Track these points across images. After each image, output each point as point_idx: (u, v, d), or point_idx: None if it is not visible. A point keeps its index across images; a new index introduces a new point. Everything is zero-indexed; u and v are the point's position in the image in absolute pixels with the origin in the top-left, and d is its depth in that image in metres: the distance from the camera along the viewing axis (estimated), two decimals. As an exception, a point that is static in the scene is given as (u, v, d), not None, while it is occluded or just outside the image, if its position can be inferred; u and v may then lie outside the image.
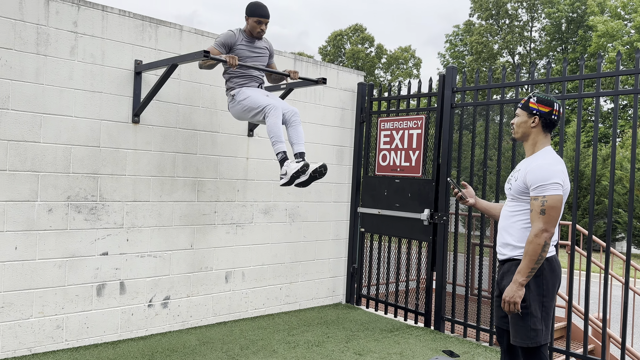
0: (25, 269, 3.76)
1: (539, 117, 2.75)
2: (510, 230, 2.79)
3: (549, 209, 2.59)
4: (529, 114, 2.78)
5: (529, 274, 2.62)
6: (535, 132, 2.78)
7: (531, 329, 2.66)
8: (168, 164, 4.45)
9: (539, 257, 2.60)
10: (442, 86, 5.05)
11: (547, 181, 2.61)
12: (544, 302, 2.69)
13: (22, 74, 3.69)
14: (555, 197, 2.60)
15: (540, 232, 2.59)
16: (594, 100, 25.26)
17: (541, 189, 2.62)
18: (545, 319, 2.70)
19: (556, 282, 2.74)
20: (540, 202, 2.61)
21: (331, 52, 41.90)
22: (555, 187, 2.60)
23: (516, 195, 2.77)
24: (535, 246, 2.59)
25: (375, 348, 4.34)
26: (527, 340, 2.67)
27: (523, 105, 2.82)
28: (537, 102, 2.76)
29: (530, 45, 35.21)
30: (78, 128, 3.95)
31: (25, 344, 3.79)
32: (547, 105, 2.75)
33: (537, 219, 2.61)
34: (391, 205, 5.40)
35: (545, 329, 2.70)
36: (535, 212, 2.62)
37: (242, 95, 3.99)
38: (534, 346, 2.68)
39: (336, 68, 5.77)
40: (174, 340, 4.27)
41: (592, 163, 4.05)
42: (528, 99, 2.81)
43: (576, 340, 6.22)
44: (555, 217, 2.60)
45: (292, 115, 3.90)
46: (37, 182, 3.78)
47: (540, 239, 2.59)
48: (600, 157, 17.82)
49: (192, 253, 4.65)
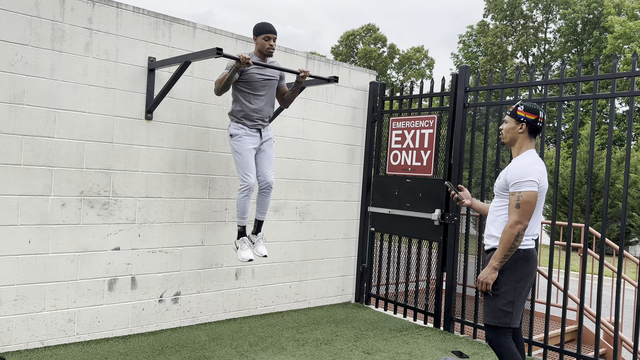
0: (39, 263, 3.81)
1: (526, 124, 3.02)
2: (494, 224, 3.06)
3: (523, 203, 2.87)
4: (517, 121, 3.05)
5: (502, 259, 2.91)
6: (521, 138, 3.05)
7: (500, 309, 2.95)
8: (180, 161, 4.48)
9: (512, 245, 2.88)
10: (454, 86, 5.02)
11: (523, 179, 2.88)
12: (517, 288, 2.95)
13: (37, 69, 3.73)
14: (529, 192, 2.87)
15: (515, 223, 2.87)
16: (608, 102, 24.98)
17: (518, 186, 2.90)
18: (517, 303, 2.96)
19: (528, 273, 2.99)
20: (516, 197, 2.89)
21: (343, 52, 41.88)
22: (531, 185, 2.87)
23: (499, 192, 3.06)
24: (509, 235, 2.87)
25: (384, 347, 4.33)
26: (495, 320, 2.96)
27: (511, 113, 3.09)
28: (524, 111, 3.03)
29: (544, 47, 34.89)
30: (92, 124, 3.99)
31: (37, 336, 3.83)
32: (533, 113, 3.02)
33: (513, 212, 2.89)
34: (402, 205, 5.38)
35: (516, 312, 2.96)
36: (512, 205, 2.90)
37: (238, 147, 4.17)
38: (501, 326, 2.95)
39: (348, 67, 5.76)
40: (183, 336, 4.30)
41: (607, 165, 4.01)
42: (516, 107, 3.07)
43: (587, 343, 6.16)
44: (529, 210, 2.87)
45: (265, 187, 4.31)
46: (50, 176, 3.82)
47: (514, 229, 2.86)
48: (614, 160, 17.61)
49: (203, 249, 4.67)
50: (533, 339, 4.45)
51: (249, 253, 4.24)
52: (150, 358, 3.76)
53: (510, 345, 2.99)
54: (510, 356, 2.97)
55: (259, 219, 4.44)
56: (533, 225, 3.00)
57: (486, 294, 3.00)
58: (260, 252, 4.37)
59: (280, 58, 5.13)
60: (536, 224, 3.03)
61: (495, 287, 2.97)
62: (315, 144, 5.47)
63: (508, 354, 2.97)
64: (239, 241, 4.32)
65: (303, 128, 5.34)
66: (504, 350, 2.98)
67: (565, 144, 25.66)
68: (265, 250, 4.41)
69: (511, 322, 2.96)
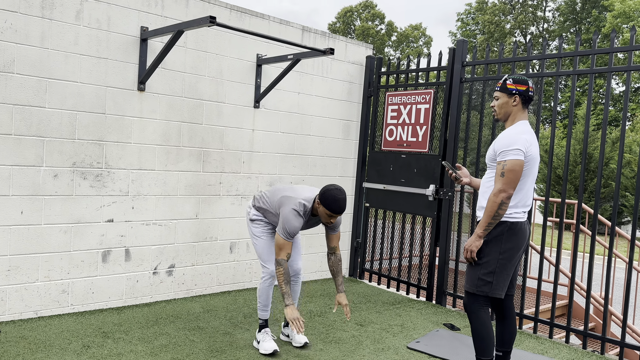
0: (31, 234, 3.80)
1: (519, 96, 2.99)
2: (485, 195, 3.04)
3: (507, 171, 2.85)
4: (509, 95, 3.01)
5: (485, 227, 2.91)
6: (515, 110, 3.02)
7: (479, 278, 2.97)
8: (173, 133, 4.44)
9: (496, 213, 2.87)
10: (452, 60, 4.97)
11: (509, 147, 2.86)
12: (500, 260, 2.95)
13: (27, 37, 3.66)
14: (514, 161, 2.84)
15: (499, 191, 2.86)
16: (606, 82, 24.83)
17: (504, 154, 2.88)
18: (498, 275, 2.96)
19: (515, 245, 2.97)
20: (501, 166, 2.87)
21: (340, 29, 41.42)
22: (516, 153, 2.84)
23: (489, 163, 3.04)
24: (493, 204, 2.86)
25: (377, 319, 4.37)
26: (473, 287, 3.00)
27: (501, 87, 3.04)
28: (514, 83, 3.00)
29: (543, 26, 34.60)
30: (83, 94, 3.94)
31: (31, 307, 3.84)
32: (523, 84, 2.99)
33: (498, 181, 2.88)
34: (396, 181, 5.38)
35: (496, 283, 2.96)
36: (497, 174, 2.89)
37: (257, 231, 3.57)
38: (479, 294, 2.98)
39: (345, 40, 5.69)
40: (178, 308, 4.32)
41: (601, 144, 4.00)
42: (504, 81, 3.02)
43: (577, 318, 6.25)
44: (514, 179, 2.84)
45: (294, 274, 3.69)
46: (42, 147, 3.79)
47: (498, 197, 2.85)
48: (609, 140, 17.64)
49: (197, 223, 4.67)
50: (524, 312, 4.50)
51: (272, 344, 3.48)
52: (145, 328, 3.78)
53: (483, 315, 3.00)
54: (480, 326, 2.99)
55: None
56: (524, 197, 2.96)
57: (470, 262, 3.02)
58: (299, 341, 3.65)
59: (275, 30, 5.05)
60: (527, 195, 2.98)
61: (479, 256, 2.98)
62: (311, 118, 5.43)
63: (478, 324, 2.99)
64: (260, 334, 3.57)
65: (298, 102, 5.30)
66: (475, 319, 3.00)
67: (561, 124, 25.66)
68: (304, 338, 3.68)
69: (490, 291, 2.96)
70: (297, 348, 3.61)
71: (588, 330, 4.11)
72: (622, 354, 3.90)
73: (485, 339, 2.99)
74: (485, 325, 2.99)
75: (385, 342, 3.84)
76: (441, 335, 4.08)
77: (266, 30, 4.97)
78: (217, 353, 3.42)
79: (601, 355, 3.92)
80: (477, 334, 3.01)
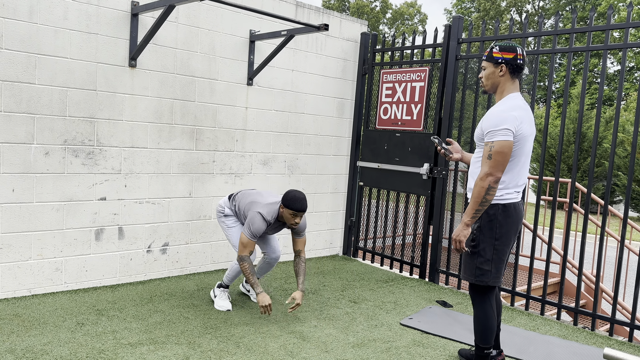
0: (23, 212, 3.77)
1: (505, 65, 2.80)
2: (474, 176, 2.88)
3: (495, 154, 2.67)
4: (495, 64, 2.82)
5: (473, 214, 2.75)
6: (503, 81, 2.83)
7: (477, 267, 2.84)
8: (166, 111, 4.39)
9: (483, 199, 2.71)
10: (447, 37, 4.92)
11: (497, 127, 2.69)
12: (496, 246, 2.81)
13: (15, 12, 3.58)
14: (502, 142, 2.67)
15: (485, 175, 2.70)
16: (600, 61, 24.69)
17: (491, 135, 2.70)
18: (496, 262, 2.83)
19: (511, 228, 2.83)
20: (488, 147, 2.70)
21: (335, 6, 40.89)
22: (504, 133, 2.67)
23: (478, 142, 2.88)
24: (480, 189, 2.71)
25: (370, 297, 4.41)
26: (473, 278, 2.87)
27: (487, 57, 2.87)
28: (501, 51, 2.81)
29: (538, 4, 34.31)
30: (74, 70, 3.87)
31: (24, 284, 3.84)
32: (510, 52, 2.79)
33: (485, 163, 2.71)
34: (391, 160, 5.37)
35: (495, 271, 2.84)
36: (484, 157, 2.72)
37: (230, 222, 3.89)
38: (480, 284, 2.86)
39: (339, 16, 5.61)
40: (172, 285, 4.33)
41: (596, 123, 3.99)
42: (490, 50, 2.85)
43: (569, 295, 6.33)
44: (502, 162, 2.67)
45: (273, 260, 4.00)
46: (33, 124, 3.73)
47: (485, 182, 2.69)
48: (603, 119, 17.66)
49: (191, 201, 4.65)
50: (516, 290, 4.55)
51: (228, 303, 3.87)
52: (139, 306, 3.79)
53: (488, 307, 2.90)
54: (483, 316, 2.88)
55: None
56: (515, 177, 2.80)
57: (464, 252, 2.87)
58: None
59: (268, 6, 4.97)
60: (520, 174, 2.81)
61: (472, 245, 2.83)
62: (305, 96, 5.38)
63: (482, 314, 2.89)
64: (218, 290, 3.96)
65: (292, 80, 5.24)
66: (479, 309, 2.92)
67: (555, 103, 25.64)
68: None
69: (490, 280, 2.83)
70: (292, 325, 3.63)
71: (579, 308, 4.16)
72: (612, 330, 3.96)
73: (487, 328, 2.90)
74: (488, 316, 2.88)
75: (379, 319, 3.87)
76: (434, 311, 4.12)
77: (259, 5, 4.88)
78: (211, 330, 3.44)
79: (591, 332, 3.98)
80: (480, 322, 2.91)
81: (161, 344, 3.16)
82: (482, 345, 2.96)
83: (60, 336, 3.17)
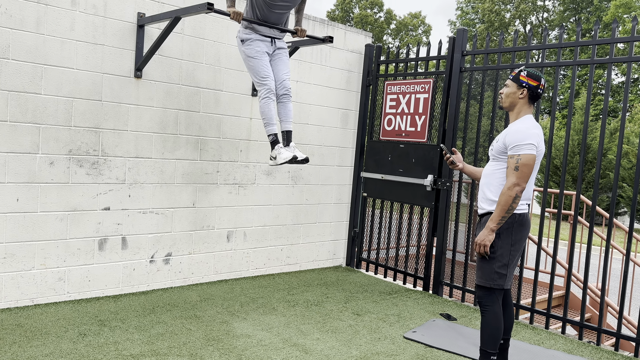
0: (27, 221, 3.77)
1: (527, 90, 3.02)
2: (490, 187, 3.08)
3: (522, 166, 2.90)
4: (519, 86, 3.05)
5: (499, 221, 2.95)
6: (521, 103, 3.06)
7: (495, 271, 3.01)
8: (170, 121, 4.40)
9: (510, 207, 2.92)
10: (451, 49, 4.93)
11: (522, 142, 2.91)
12: (512, 251, 3.01)
13: (22, 23, 3.61)
14: (528, 155, 2.90)
15: (513, 185, 2.90)
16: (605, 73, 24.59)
17: (517, 149, 2.92)
18: (511, 267, 3.04)
19: (522, 237, 3.06)
20: (515, 160, 2.92)
21: (339, 17, 41.11)
22: (530, 148, 2.90)
23: (497, 155, 3.08)
24: (507, 197, 2.91)
25: (374, 309, 4.38)
26: (490, 281, 3.02)
27: (514, 77, 3.07)
28: (527, 76, 3.03)
29: (543, 15, 34.42)
30: (80, 81, 3.89)
31: (27, 294, 3.83)
32: (535, 80, 3.02)
33: (512, 174, 2.92)
34: (394, 171, 5.36)
35: (509, 275, 3.05)
36: (511, 168, 2.93)
37: (251, 51, 3.85)
38: (495, 288, 3.02)
39: (344, 28, 5.64)
40: (175, 296, 4.32)
41: (600, 134, 3.98)
42: (519, 72, 3.06)
43: (574, 309, 6.27)
44: (527, 173, 2.91)
45: (284, 92, 3.94)
46: (38, 134, 3.75)
47: (512, 191, 2.90)
48: (607, 131, 17.63)
49: (194, 211, 4.65)
50: (521, 303, 4.51)
51: (288, 154, 3.78)
52: (142, 317, 3.78)
53: (497, 309, 3.05)
54: (493, 319, 3.03)
55: (286, 130, 3.98)
56: (528, 190, 3.03)
57: (482, 256, 3.04)
58: (299, 155, 3.86)
59: (274, 17, 4.99)
60: (529, 189, 3.05)
61: (491, 250, 3.01)
62: (309, 107, 5.39)
63: (492, 317, 3.04)
64: (273, 151, 3.86)
65: (296, 91, 5.26)
66: (489, 312, 3.04)
67: (560, 114, 25.63)
68: (302, 154, 3.89)
69: (504, 283, 3.03)
70: (294, 337, 3.61)
71: (584, 321, 4.12)
72: (617, 345, 3.92)
73: (495, 332, 3.03)
74: (498, 318, 3.04)
75: (382, 332, 3.85)
76: (438, 325, 4.09)
77: (264, 18, 4.90)
78: (213, 342, 3.42)
79: (597, 346, 3.94)
80: (489, 327, 3.04)
81: (163, 355, 3.15)
82: (489, 351, 3.04)
83: (62, 347, 3.16)
